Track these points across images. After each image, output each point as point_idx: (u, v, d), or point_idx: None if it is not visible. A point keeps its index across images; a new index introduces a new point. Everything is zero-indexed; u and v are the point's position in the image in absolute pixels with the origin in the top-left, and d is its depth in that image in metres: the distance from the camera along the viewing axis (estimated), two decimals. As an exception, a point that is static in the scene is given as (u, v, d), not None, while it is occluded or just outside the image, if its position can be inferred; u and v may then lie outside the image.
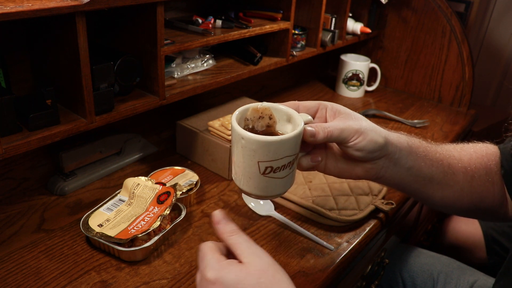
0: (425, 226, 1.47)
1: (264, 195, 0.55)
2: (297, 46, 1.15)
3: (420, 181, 0.61)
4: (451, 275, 0.99)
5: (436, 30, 1.34)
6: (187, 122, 0.96)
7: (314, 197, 0.81)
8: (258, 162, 0.51)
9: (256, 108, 0.55)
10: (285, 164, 0.52)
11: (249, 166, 0.52)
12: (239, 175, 0.54)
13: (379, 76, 1.44)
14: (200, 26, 0.90)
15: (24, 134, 0.64)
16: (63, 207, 0.80)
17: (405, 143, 0.60)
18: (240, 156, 0.52)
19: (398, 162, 0.59)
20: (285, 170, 0.53)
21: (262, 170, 0.51)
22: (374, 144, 0.55)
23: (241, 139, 0.51)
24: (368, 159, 0.57)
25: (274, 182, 0.53)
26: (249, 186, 0.54)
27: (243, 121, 0.55)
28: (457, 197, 0.64)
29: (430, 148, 0.63)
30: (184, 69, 0.92)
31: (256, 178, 0.52)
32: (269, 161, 0.51)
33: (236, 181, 0.55)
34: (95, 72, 0.69)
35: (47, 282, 0.63)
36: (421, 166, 0.60)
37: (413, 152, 0.60)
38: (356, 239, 0.77)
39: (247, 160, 0.51)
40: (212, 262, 0.47)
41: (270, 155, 0.50)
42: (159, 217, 0.71)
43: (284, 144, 0.50)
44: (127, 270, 0.67)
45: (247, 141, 0.50)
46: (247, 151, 0.51)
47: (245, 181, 0.54)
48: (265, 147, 0.50)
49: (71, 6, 0.59)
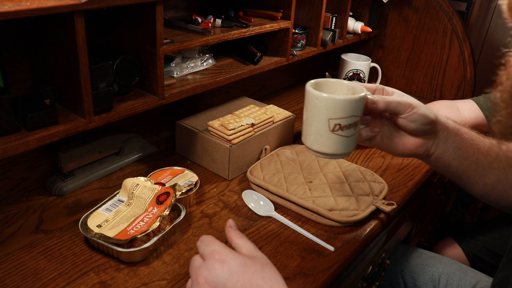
0: (426, 227, 1.47)
1: (331, 153, 0.62)
2: (298, 45, 1.14)
3: (466, 164, 0.64)
4: (452, 276, 0.98)
5: (437, 29, 1.34)
6: (187, 122, 0.96)
7: (315, 198, 0.81)
8: (329, 119, 0.59)
9: (323, 81, 0.65)
10: (351, 123, 0.60)
11: (321, 124, 0.60)
12: (310, 135, 0.62)
13: (380, 75, 1.43)
14: (199, 25, 0.89)
15: (23, 134, 0.64)
16: (62, 207, 0.79)
17: (452, 124, 0.65)
18: (313, 115, 0.60)
19: (447, 141, 0.64)
20: (350, 130, 0.60)
21: (332, 127, 0.60)
22: (426, 118, 0.61)
23: (315, 99, 0.59)
24: (420, 133, 0.62)
25: (341, 140, 0.61)
26: (319, 143, 0.62)
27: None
28: (501, 187, 0.66)
29: (477, 136, 0.66)
30: (184, 69, 0.92)
31: (325, 136, 0.60)
32: (339, 118, 0.59)
33: (307, 142, 0.63)
34: (94, 71, 0.68)
35: (45, 283, 0.63)
36: (467, 148, 0.64)
37: (460, 134, 0.65)
38: (357, 240, 0.76)
39: (319, 118, 0.60)
40: (220, 247, 0.53)
41: (340, 113, 0.59)
42: (159, 217, 0.70)
43: (352, 103, 0.59)
44: (126, 271, 0.66)
45: (321, 101, 0.59)
46: (319, 109, 0.59)
47: (315, 139, 0.62)
48: (336, 105, 0.58)
49: (70, 5, 0.59)
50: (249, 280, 0.49)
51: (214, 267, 0.50)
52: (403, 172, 0.98)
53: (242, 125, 0.91)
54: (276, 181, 0.85)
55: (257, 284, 0.49)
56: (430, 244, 1.49)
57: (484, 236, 1.26)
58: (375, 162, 1.02)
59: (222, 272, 0.50)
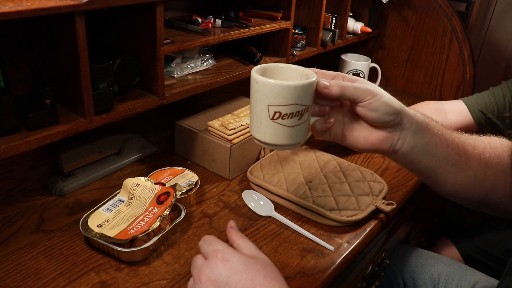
0: (425, 226, 1.47)
1: (272, 143, 0.57)
2: (297, 45, 1.15)
3: (435, 161, 0.60)
4: (452, 276, 0.99)
5: (437, 30, 1.34)
6: (186, 122, 0.96)
7: (315, 198, 0.81)
8: (268, 106, 0.54)
9: (275, 66, 0.60)
10: (294, 112, 0.54)
11: (260, 110, 0.55)
12: (252, 122, 0.58)
13: (380, 75, 1.43)
14: (200, 25, 0.89)
15: (23, 134, 0.64)
16: (62, 207, 0.79)
17: (421, 118, 0.59)
18: (253, 101, 0.56)
19: (415, 135, 0.58)
20: (293, 119, 0.55)
21: (271, 114, 0.55)
22: (389, 107, 0.55)
23: (255, 83, 0.55)
24: (383, 124, 0.56)
25: (282, 129, 0.56)
26: (260, 132, 0.57)
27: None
28: (469, 184, 0.63)
29: (446, 130, 0.62)
30: (184, 69, 0.92)
31: (265, 123, 0.56)
32: (278, 106, 0.54)
33: (251, 130, 0.59)
34: (95, 72, 0.68)
35: (46, 283, 0.63)
36: (437, 144, 0.60)
37: (429, 129, 0.59)
38: (357, 240, 0.76)
39: (259, 104, 0.55)
40: (223, 246, 0.53)
41: (278, 100, 0.53)
42: (159, 217, 0.70)
43: (292, 89, 0.53)
44: (126, 271, 0.66)
45: (260, 85, 0.54)
46: (259, 95, 0.55)
47: (256, 127, 0.57)
48: (274, 90, 0.53)
49: (70, 5, 0.59)
50: (251, 278, 0.49)
51: (216, 265, 0.50)
52: (403, 172, 0.98)
53: (242, 125, 0.91)
54: (276, 181, 0.85)
55: (259, 283, 0.49)
56: (430, 244, 1.49)
57: (481, 237, 1.26)
58: (375, 162, 1.02)
59: (225, 270, 0.50)
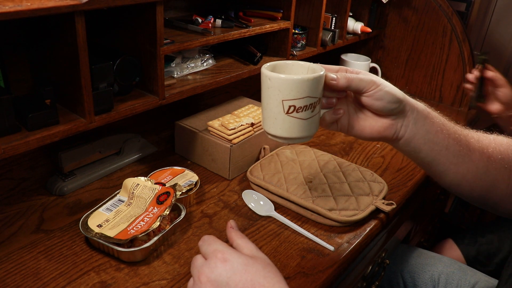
0: (425, 226, 1.47)
1: (288, 136, 0.59)
2: (298, 45, 1.15)
3: (437, 150, 0.62)
4: (452, 276, 0.99)
5: (437, 30, 1.34)
6: (186, 122, 0.96)
7: (315, 197, 0.81)
8: (282, 100, 0.56)
9: (282, 63, 0.63)
10: (307, 104, 0.57)
11: (274, 106, 0.57)
12: (266, 118, 0.60)
13: (380, 75, 1.43)
14: (199, 25, 0.89)
15: (23, 134, 0.64)
16: (62, 207, 0.79)
17: (422, 107, 0.62)
18: (267, 97, 0.58)
19: (417, 123, 0.61)
20: (307, 112, 0.57)
21: (286, 109, 0.57)
22: (392, 96, 0.58)
23: (268, 80, 0.57)
24: (387, 112, 0.60)
25: (297, 123, 0.58)
26: (275, 127, 0.59)
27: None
28: (471, 177, 0.63)
29: (448, 122, 0.64)
30: (184, 69, 0.92)
31: (280, 118, 0.58)
32: (293, 100, 0.56)
33: (264, 127, 0.61)
34: (95, 72, 0.68)
35: (46, 282, 0.63)
36: (437, 132, 0.61)
37: (430, 117, 0.62)
38: (357, 240, 0.76)
39: (273, 100, 0.57)
40: (223, 246, 0.53)
41: (293, 93, 0.56)
42: (159, 217, 0.70)
43: (305, 83, 0.56)
44: (126, 271, 0.66)
45: (273, 81, 0.56)
46: (272, 91, 0.57)
47: (271, 122, 0.59)
48: (288, 85, 0.56)
49: (70, 5, 0.59)
50: (251, 279, 0.49)
51: (216, 265, 0.50)
52: (403, 172, 0.98)
53: (242, 125, 0.91)
54: (276, 181, 0.85)
55: (259, 283, 0.49)
56: (430, 244, 1.49)
57: (484, 238, 1.26)
58: (375, 162, 1.02)
59: (225, 270, 0.50)
